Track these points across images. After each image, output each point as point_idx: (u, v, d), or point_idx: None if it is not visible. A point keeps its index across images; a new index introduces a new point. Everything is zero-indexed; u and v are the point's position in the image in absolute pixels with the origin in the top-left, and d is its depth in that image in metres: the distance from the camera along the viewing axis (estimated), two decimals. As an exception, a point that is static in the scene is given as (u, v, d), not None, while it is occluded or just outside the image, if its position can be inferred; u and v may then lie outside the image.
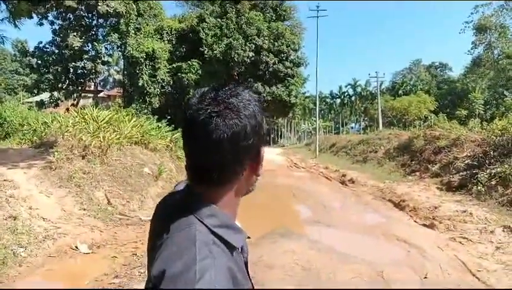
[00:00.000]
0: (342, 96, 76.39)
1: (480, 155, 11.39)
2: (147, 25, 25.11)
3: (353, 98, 74.20)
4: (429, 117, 40.58)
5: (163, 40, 25.74)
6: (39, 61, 23.90)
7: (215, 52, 23.68)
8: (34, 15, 15.64)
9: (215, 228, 0.80)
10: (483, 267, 5.38)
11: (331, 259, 5.76)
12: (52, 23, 24.05)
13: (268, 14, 26.13)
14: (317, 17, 33.12)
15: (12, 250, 5.13)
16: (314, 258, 5.77)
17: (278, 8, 26.62)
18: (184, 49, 25.73)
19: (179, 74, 23.58)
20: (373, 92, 61.94)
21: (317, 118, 36.84)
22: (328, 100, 79.78)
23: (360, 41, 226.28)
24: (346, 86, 74.25)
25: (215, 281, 0.69)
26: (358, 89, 71.53)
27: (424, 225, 7.77)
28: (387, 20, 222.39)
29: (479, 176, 10.08)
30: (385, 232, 7.38)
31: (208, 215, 0.82)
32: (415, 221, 8.21)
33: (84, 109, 14.93)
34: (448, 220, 7.60)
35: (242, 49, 23.68)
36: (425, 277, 5.07)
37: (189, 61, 24.08)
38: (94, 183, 9.23)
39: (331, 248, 6.46)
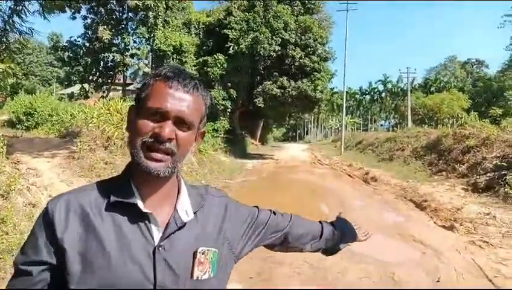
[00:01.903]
0: (372, 93, 74.98)
1: (511, 156, 10.92)
2: (175, 18, 25.34)
3: (383, 94, 72.73)
4: (460, 115, 39.26)
5: (191, 34, 25.92)
6: (70, 54, 24.58)
7: (241, 46, 23.61)
8: (66, 9, 16.02)
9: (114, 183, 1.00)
10: (501, 273, 5.14)
11: (341, 258, 5.64)
12: (84, 17, 24.67)
13: (296, 8, 25.80)
14: (347, 10, 32.58)
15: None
16: (324, 256, 5.67)
17: (306, 1, 26.25)
18: (211, 43, 25.84)
19: (205, 68, 23.71)
20: (404, 88, 60.45)
21: (343, 114, 36.32)
22: (357, 96, 78.45)
23: (392, 36, 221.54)
24: (376, 82, 72.82)
25: (53, 200, 0.94)
26: (389, 86, 70.00)
27: (444, 227, 7.52)
28: (421, 14, 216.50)
29: (507, 177, 9.65)
30: (402, 233, 7.20)
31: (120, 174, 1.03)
32: (435, 222, 7.95)
33: (110, 100, 15.25)
34: (470, 223, 7.32)
35: (268, 43, 23.51)
36: (438, 281, 4.90)
37: (215, 56, 24.16)
38: (115, 174, 9.33)
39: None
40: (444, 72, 72.41)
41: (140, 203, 0.94)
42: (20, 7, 10.97)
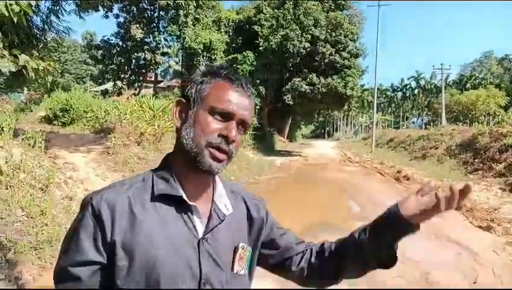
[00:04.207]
0: (404, 89, 73.21)
1: (552, 155, 10.46)
2: (205, 16, 25.58)
3: (416, 91, 70.88)
4: (497, 113, 37.79)
5: (221, 32, 26.10)
6: (104, 53, 25.24)
7: (270, 43, 23.60)
8: (100, 8, 16.40)
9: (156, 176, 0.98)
10: (543, 276, 4.94)
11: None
12: (117, 16, 25.28)
13: (326, 4, 25.53)
14: (379, 6, 31.93)
15: (65, 228, 5.47)
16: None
17: (337, -3, 25.95)
18: (240, 41, 25.93)
19: (235, 65, 23.81)
20: (438, 85, 58.75)
21: (374, 111, 35.68)
22: (388, 93, 76.86)
23: (425, 31, 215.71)
24: (408, 79, 70.96)
25: (96, 197, 0.91)
26: (422, 82, 68.14)
27: (480, 227, 7.28)
28: (455, 8, 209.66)
29: (549, 177, 9.26)
30: (436, 233, 7.00)
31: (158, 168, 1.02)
32: (471, 222, 7.71)
33: (142, 97, 15.57)
34: (508, 223, 7.06)
35: (298, 40, 23.38)
36: (475, 282, 4.75)
37: (244, 53, 24.23)
38: (148, 168, 9.60)
39: (375, 245, 6.23)
40: (479, 68, 69.93)
41: (185, 196, 0.95)
42: (58, 7, 11.29)
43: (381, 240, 0.99)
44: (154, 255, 0.89)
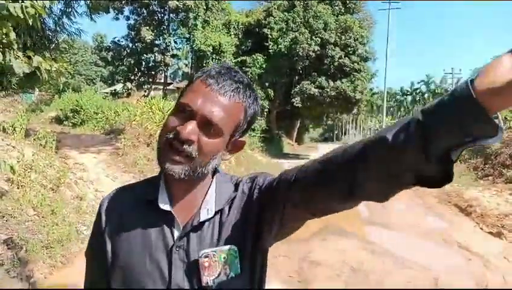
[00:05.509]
0: (414, 94, 72.77)
1: None
2: (215, 19, 25.70)
3: (426, 95, 70.42)
4: (508, 118, 37.38)
5: (230, 34, 26.18)
6: (114, 55, 25.49)
7: (280, 46, 23.65)
8: (110, 10, 16.54)
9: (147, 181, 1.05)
10: (555, 284, 4.87)
11: (383, 261, 5.54)
12: (127, 18, 25.51)
13: (336, 7, 25.51)
14: (389, 9, 31.86)
15: (76, 228, 5.53)
16: (365, 259, 5.58)
17: (347, 1, 25.91)
18: (249, 43, 26.00)
19: (244, 68, 23.88)
20: (448, 89, 58.36)
21: (384, 115, 35.57)
22: (398, 97, 76.44)
23: (435, 35, 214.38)
24: (418, 83, 70.65)
25: (104, 197, 1.02)
26: (432, 86, 67.73)
27: (491, 233, 7.21)
28: (466, 12, 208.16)
29: (561, 184, 9.12)
30: (446, 238, 6.95)
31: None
32: (481, 228, 7.63)
33: (152, 99, 15.66)
34: (520, 230, 6.98)
35: (307, 43, 23.39)
36: (486, 288, 4.71)
37: (253, 56, 24.30)
38: (156, 170, 9.51)
39: (385, 249, 6.20)
40: (490, 72, 69.31)
41: (161, 200, 0.91)
42: (70, 9, 11.42)
43: (431, 134, 0.57)
44: (131, 260, 0.91)
